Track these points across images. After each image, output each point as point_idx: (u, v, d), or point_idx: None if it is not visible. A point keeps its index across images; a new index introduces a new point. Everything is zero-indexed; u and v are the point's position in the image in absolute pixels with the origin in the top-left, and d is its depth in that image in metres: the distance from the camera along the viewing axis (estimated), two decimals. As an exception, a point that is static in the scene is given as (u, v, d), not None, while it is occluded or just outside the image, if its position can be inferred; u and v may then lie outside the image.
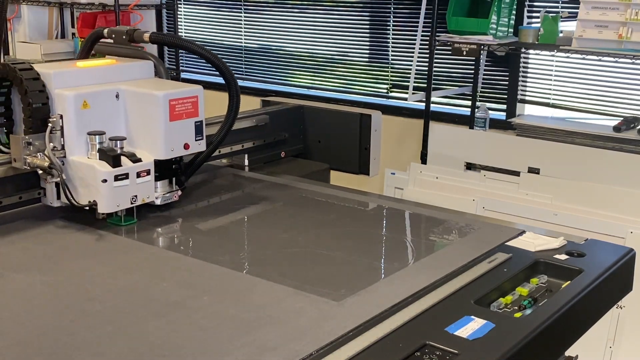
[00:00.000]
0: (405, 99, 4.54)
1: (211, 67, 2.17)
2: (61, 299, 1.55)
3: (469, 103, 4.36)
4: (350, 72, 5.04)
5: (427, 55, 4.22)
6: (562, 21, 3.80)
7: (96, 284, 1.62)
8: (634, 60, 3.60)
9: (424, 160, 4.24)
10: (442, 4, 4.14)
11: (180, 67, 5.75)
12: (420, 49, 4.33)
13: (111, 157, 1.88)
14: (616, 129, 3.70)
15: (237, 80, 2.21)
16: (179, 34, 5.82)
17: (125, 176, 1.90)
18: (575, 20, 3.65)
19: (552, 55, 4.05)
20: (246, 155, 2.56)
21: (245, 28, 5.52)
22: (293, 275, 1.69)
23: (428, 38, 4.20)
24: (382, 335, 1.38)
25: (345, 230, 2.04)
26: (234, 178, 2.47)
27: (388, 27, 4.81)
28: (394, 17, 4.77)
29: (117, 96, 1.99)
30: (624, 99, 3.94)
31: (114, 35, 2.22)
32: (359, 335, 1.37)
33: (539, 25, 3.86)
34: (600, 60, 3.78)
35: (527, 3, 4.18)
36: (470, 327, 1.40)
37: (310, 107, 2.81)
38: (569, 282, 1.67)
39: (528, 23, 4.17)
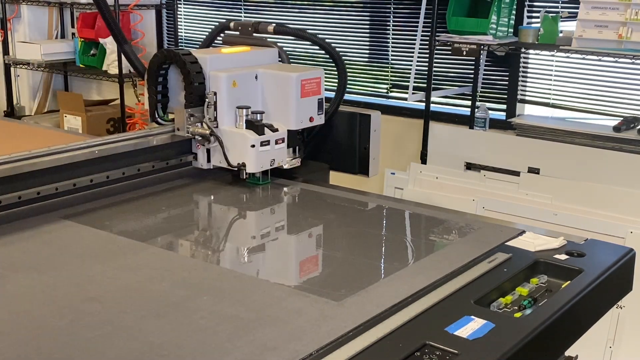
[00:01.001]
0: (405, 99, 4.54)
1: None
2: (61, 299, 1.55)
3: (468, 103, 4.37)
4: (350, 72, 5.03)
5: (427, 55, 4.22)
6: (562, 21, 3.80)
7: (96, 284, 1.62)
8: (634, 60, 3.60)
9: (424, 160, 4.24)
10: (442, 4, 4.14)
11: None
12: (420, 49, 4.33)
13: (257, 126, 2.24)
14: (616, 129, 3.70)
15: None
16: (179, 34, 5.82)
17: (267, 143, 2.25)
18: (575, 20, 3.65)
19: (552, 55, 4.05)
20: None
21: (245, 28, 5.51)
22: (293, 276, 1.69)
23: (428, 38, 4.20)
24: (382, 335, 1.37)
25: (345, 230, 2.04)
26: (231, 177, 2.47)
27: (388, 27, 4.81)
28: (394, 17, 4.77)
29: (256, 77, 2.34)
30: (624, 99, 3.95)
31: (240, 28, 2.58)
32: (359, 335, 1.37)
33: (539, 25, 3.86)
34: (600, 60, 3.79)
35: (527, 3, 4.18)
36: (470, 327, 1.40)
37: None
38: (569, 282, 1.67)
39: (528, 23, 4.17)
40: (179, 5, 5.81)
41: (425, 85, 4.29)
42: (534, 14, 4.16)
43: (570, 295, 1.59)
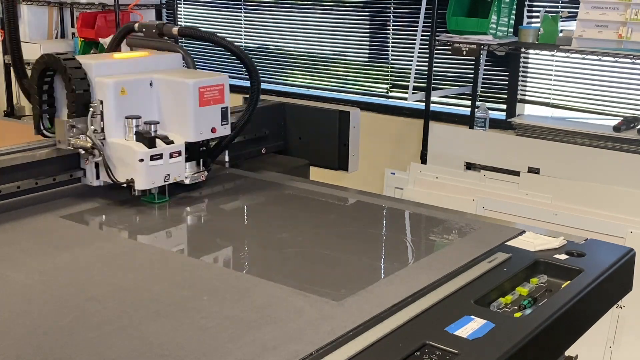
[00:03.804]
0: (405, 99, 4.54)
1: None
2: (61, 298, 1.55)
3: (468, 103, 4.37)
4: (350, 71, 5.04)
5: (427, 55, 4.22)
6: (562, 21, 3.80)
7: (96, 284, 1.62)
8: (634, 60, 3.60)
9: (424, 160, 4.24)
10: (442, 3, 4.14)
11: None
12: (420, 48, 4.33)
13: (147, 138, 2.05)
14: (616, 128, 3.70)
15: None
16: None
17: (160, 156, 2.07)
18: (575, 20, 3.65)
19: (552, 55, 4.06)
20: (226, 152, 2.56)
21: (245, 28, 5.52)
22: (293, 275, 1.69)
23: (428, 38, 4.20)
24: (382, 335, 1.37)
25: (345, 230, 2.04)
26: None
27: (388, 27, 4.81)
28: (394, 17, 4.77)
29: (150, 84, 2.16)
30: (624, 99, 3.95)
31: (144, 29, 2.38)
32: (359, 335, 1.37)
33: (539, 25, 3.86)
34: (600, 60, 3.79)
35: (527, 3, 4.18)
36: (470, 327, 1.40)
37: (291, 104, 2.82)
38: (569, 282, 1.67)
39: (528, 23, 4.17)
40: (179, 5, 5.81)
41: (425, 85, 4.29)
42: (534, 14, 4.16)
43: (570, 295, 1.59)
